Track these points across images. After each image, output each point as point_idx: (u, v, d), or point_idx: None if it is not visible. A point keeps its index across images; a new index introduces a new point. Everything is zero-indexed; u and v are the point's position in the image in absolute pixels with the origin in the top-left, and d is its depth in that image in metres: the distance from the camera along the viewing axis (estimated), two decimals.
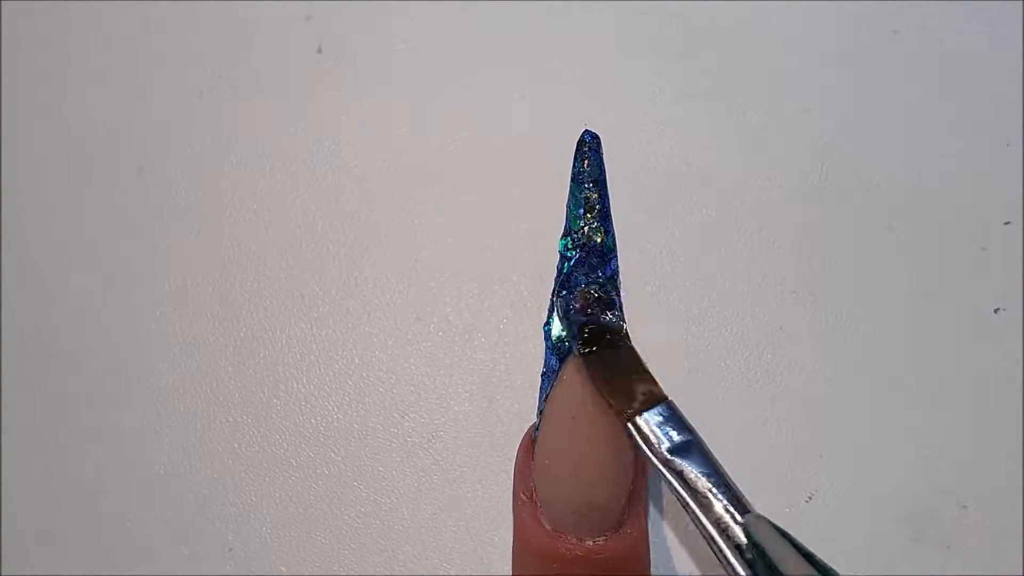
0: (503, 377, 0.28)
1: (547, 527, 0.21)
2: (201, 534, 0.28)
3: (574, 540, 0.21)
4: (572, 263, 0.23)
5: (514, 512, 0.23)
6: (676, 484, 0.19)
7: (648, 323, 0.28)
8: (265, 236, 0.29)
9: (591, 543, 0.21)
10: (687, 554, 0.27)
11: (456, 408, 0.28)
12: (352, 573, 0.27)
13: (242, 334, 0.29)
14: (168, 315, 0.29)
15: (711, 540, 0.19)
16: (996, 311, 0.28)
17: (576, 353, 0.22)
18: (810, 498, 0.27)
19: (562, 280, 0.23)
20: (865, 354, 0.28)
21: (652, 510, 0.26)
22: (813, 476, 0.27)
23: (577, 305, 0.22)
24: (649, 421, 0.20)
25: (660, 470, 0.19)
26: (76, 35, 0.31)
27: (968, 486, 0.27)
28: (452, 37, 0.31)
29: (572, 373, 0.22)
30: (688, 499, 0.19)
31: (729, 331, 0.28)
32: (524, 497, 0.22)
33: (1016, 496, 0.27)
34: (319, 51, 0.31)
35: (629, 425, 0.20)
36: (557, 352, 0.23)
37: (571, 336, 0.22)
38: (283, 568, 0.27)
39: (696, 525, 0.19)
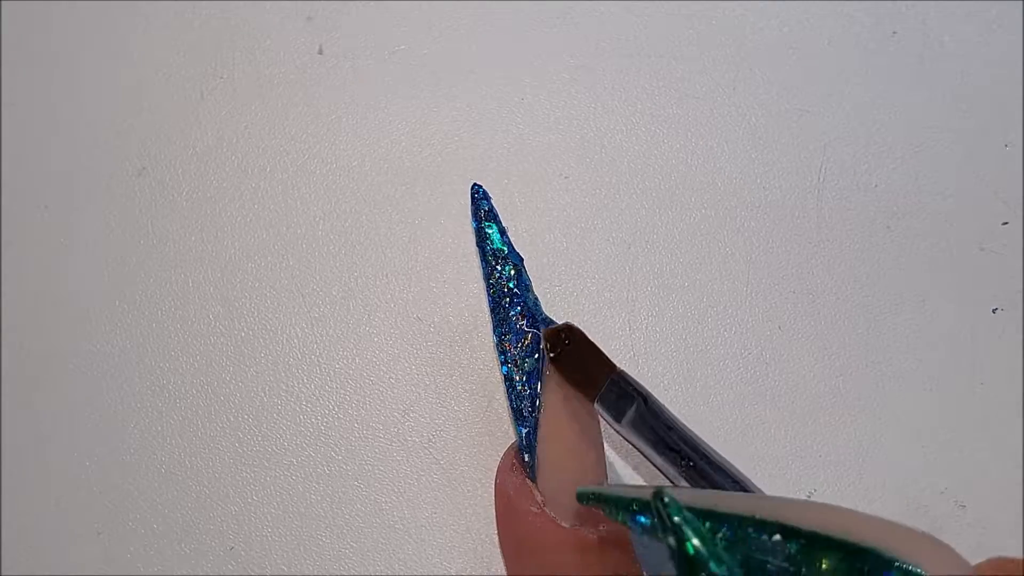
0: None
1: (566, 526, 0.23)
2: (202, 533, 0.28)
3: (592, 528, 0.23)
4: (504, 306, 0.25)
5: (518, 528, 0.24)
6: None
7: (648, 323, 0.28)
8: (265, 236, 0.29)
9: (603, 527, 0.23)
10: None
11: (456, 408, 0.28)
12: (352, 573, 0.27)
13: (242, 334, 0.29)
14: (169, 315, 0.29)
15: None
16: (994, 311, 0.28)
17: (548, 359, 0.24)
18: (809, 497, 0.27)
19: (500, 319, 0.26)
20: (864, 354, 0.28)
21: None
22: (812, 475, 0.27)
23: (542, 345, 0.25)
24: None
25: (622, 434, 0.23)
26: (77, 35, 0.31)
27: (966, 486, 0.27)
28: (452, 37, 0.31)
29: (556, 372, 0.24)
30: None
31: (729, 331, 0.28)
32: (534, 510, 0.23)
33: (1015, 496, 0.27)
34: (320, 52, 0.31)
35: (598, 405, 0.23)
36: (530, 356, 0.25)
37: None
38: (284, 567, 0.27)
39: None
